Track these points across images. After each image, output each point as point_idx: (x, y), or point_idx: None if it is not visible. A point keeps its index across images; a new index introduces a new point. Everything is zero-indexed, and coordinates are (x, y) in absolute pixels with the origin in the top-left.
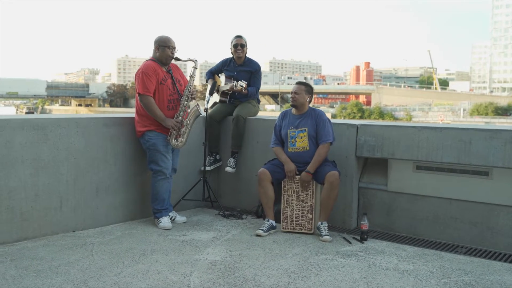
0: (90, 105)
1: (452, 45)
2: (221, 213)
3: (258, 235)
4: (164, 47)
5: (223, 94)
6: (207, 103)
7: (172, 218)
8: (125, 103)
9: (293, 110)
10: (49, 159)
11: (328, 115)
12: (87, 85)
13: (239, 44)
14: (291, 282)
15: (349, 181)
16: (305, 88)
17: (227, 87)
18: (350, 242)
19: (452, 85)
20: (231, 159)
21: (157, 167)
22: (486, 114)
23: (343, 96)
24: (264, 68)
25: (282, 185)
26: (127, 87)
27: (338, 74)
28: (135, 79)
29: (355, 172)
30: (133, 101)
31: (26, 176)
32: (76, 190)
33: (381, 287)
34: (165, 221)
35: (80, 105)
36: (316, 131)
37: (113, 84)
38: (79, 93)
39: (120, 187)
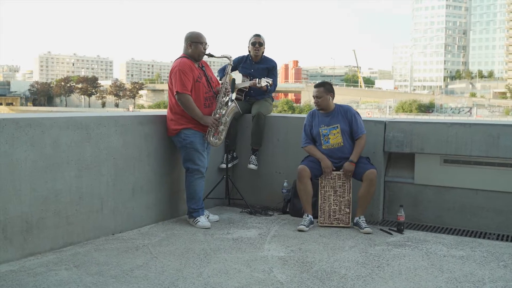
0: (12, 103)
1: (376, 45)
2: (245, 210)
3: (300, 231)
4: (197, 43)
5: (239, 91)
6: (231, 101)
7: (207, 217)
8: (49, 101)
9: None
10: (92, 159)
11: None
12: (8, 83)
13: (257, 42)
14: (372, 273)
15: (377, 175)
16: (324, 88)
17: (246, 84)
18: (391, 234)
19: (377, 83)
20: (253, 157)
21: (194, 165)
22: (411, 111)
23: (273, 94)
24: None
25: (320, 181)
26: (51, 85)
27: None
28: (169, 77)
29: (382, 167)
30: (58, 100)
31: (71, 178)
32: (115, 191)
33: (452, 271)
34: (203, 220)
35: (0, 103)
36: (349, 126)
37: (36, 82)
38: None
39: (153, 187)
